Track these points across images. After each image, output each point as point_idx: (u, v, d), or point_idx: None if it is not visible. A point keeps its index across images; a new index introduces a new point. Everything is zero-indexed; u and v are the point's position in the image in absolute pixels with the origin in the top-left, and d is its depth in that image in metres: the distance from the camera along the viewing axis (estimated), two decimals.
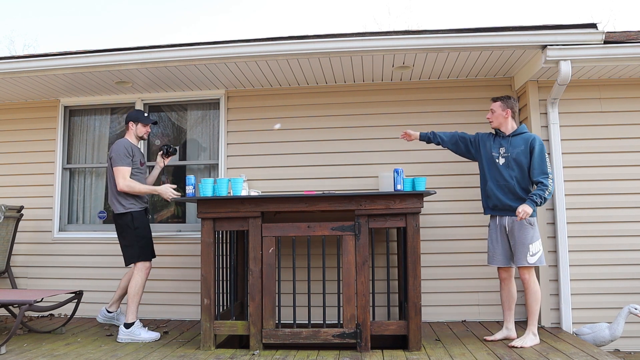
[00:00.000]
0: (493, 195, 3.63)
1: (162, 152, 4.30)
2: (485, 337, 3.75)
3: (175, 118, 5.13)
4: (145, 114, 4.15)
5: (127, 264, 3.95)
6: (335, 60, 4.21)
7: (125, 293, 4.14)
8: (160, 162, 4.30)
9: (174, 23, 34.40)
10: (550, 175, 3.49)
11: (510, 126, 3.69)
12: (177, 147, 4.40)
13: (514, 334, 3.70)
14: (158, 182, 4.55)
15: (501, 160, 3.64)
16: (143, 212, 4.00)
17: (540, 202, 3.45)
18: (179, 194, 3.91)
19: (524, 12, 29.19)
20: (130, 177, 3.90)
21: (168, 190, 3.87)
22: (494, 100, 3.75)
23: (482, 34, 3.92)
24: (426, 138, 3.94)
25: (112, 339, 3.87)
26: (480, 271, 4.46)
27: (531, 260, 3.49)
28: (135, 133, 4.07)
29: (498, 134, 3.73)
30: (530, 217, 3.50)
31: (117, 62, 4.24)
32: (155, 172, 4.31)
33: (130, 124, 4.08)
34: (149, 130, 4.14)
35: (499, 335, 3.71)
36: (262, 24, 32.56)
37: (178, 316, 4.74)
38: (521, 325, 4.08)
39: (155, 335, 3.87)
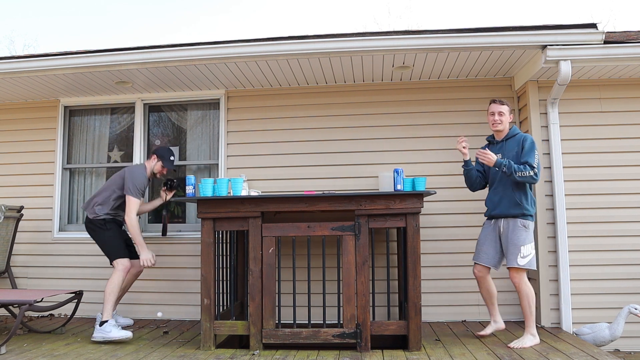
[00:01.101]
0: (496, 201, 3.65)
1: (165, 186, 4.37)
2: (477, 333, 3.83)
3: (175, 118, 5.13)
4: (172, 158, 4.18)
5: (110, 263, 4.04)
6: (335, 60, 4.21)
7: (121, 295, 4.19)
8: (163, 196, 4.40)
9: (174, 23, 34.41)
10: (535, 170, 3.44)
11: (506, 128, 3.71)
12: (179, 182, 4.43)
13: (502, 325, 3.78)
14: (157, 213, 4.67)
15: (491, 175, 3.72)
16: (113, 220, 4.14)
17: (508, 171, 3.43)
18: (153, 263, 4.05)
19: (524, 12, 29.20)
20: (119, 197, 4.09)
21: (148, 258, 4.02)
22: (502, 102, 3.67)
23: (482, 34, 3.92)
24: (465, 163, 3.82)
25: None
26: None
27: (521, 262, 3.48)
28: (152, 167, 4.17)
29: (491, 142, 3.77)
30: (525, 220, 3.53)
31: (117, 62, 4.24)
32: (156, 203, 4.44)
33: (154, 157, 4.18)
34: (164, 172, 4.22)
35: (489, 330, 3.79)
36: (262, 24, 32.57)
37: (178, 316, 4.74)
38: (521, 326, 4.08)
39: (125, 334, 3.74)
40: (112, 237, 4.03)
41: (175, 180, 4.37)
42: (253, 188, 4.73)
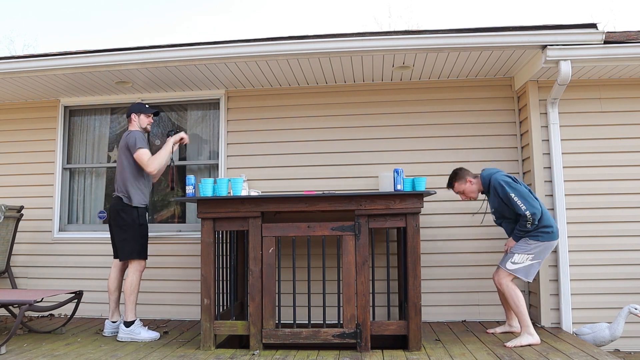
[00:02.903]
0: (508, 230, 3.80)
1: (169, 137, 4.21)
2: (486, 330, 3.88)
3: (175, 118, 5.13)
4: (147, 105, 4.15)
5: (124, 259, 3.91)
6: (335, 60, 4.21)
7: (118, 296, 4.07)
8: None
9: (174, 23, 34.42)
10: (527, 215, 3.48)
11: (478, 189, 3.80)
12: (185, 130, 4.34)
13: (517, 330, 3.80)
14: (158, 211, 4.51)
15: (493, 216, 3.82)
16: (145, 211, 4.02)
17: (522, 235, 3.58)
18: (186, 136, 4.00)
19: (524, 12, 29.20)
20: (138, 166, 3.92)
21: (177, 136, 3.99)
22: (449, 186, 3.85)
23: (482, 34, 3.92)
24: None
25: (112, 339, 3.87)
26: (480, 271, 4.46)
27: (509, 266, 3.59)
28: (139, 125, 4.08)
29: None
30: (531, 239, 3.59)
31: (117, 62, 4.24)
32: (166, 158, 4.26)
33: (133, 115, 4.08)
34: (152, 121, 4.15)
35: (499, 329, 3.89)
36: (262, 24, 32.57)
37: (178, 316, 4.74)
38: None
39: (155, 334, 3.87)
40: (142, 235, 3.93)
41: (178, 132, 4.25)
42: (253, 188, 4.73)
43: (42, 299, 3.70)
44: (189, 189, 3.71)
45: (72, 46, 30.96)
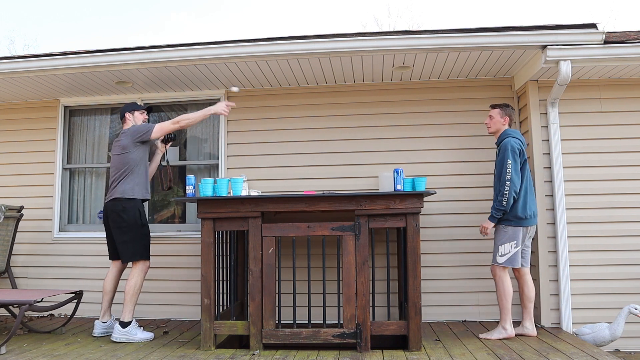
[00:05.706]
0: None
1: (162, 138, 4.29)
2: (481, 336, 3.80)
3: None
4: (138, 103, 4.15)
5: (127, 260, 3.86)
6: (335, 60, 4.21)
7: (112, 297, 4.01)
8: (162, 148, 4.30)
9: (173, 23, 34.41)
10: (507, 183, 3.58)
11: (498, 130, 3.85)
12: (176, 134, 4.36)
13: (531, 332, 3.82)
14: (157, 210, 4.52)
15: (495, 171, 3.81)
16: (144, 209, 4.01)
17: (498, 214, 3.65)
18: (232, 103, 3.95)
19: (524, 12, 29.21)
20: (141, 161, 3.92)
21: (221, 105, 3.89)
22: (493, 107, 3.88)
23: (482, 34, 3.92)
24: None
25: (109, 339, 3.86)
26: (481, 271, 4.46)
27: (500, 260, 3.68)
28: (134, 123, 4.04)
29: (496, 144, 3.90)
30: (507, 222, 3.67)
31: (117, 62, 4.24)
32: (157, 157, 4.31)
33: (127, 114, 4.06)
34: (147, 117, 4.15)
35: (516, 330, 3.84)
36: (262, 24, 32.57)
37: (178, 316, 4.74)
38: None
39: (150, 335, 3.86)
40: (144, 235, 3.89)
41: (174, 137, 4.32)
42: (253, 188, 4.73)
43: (42, 299, 3.70)
44: (189, 189, 3.71)
45: (72, 46, 30.99)
